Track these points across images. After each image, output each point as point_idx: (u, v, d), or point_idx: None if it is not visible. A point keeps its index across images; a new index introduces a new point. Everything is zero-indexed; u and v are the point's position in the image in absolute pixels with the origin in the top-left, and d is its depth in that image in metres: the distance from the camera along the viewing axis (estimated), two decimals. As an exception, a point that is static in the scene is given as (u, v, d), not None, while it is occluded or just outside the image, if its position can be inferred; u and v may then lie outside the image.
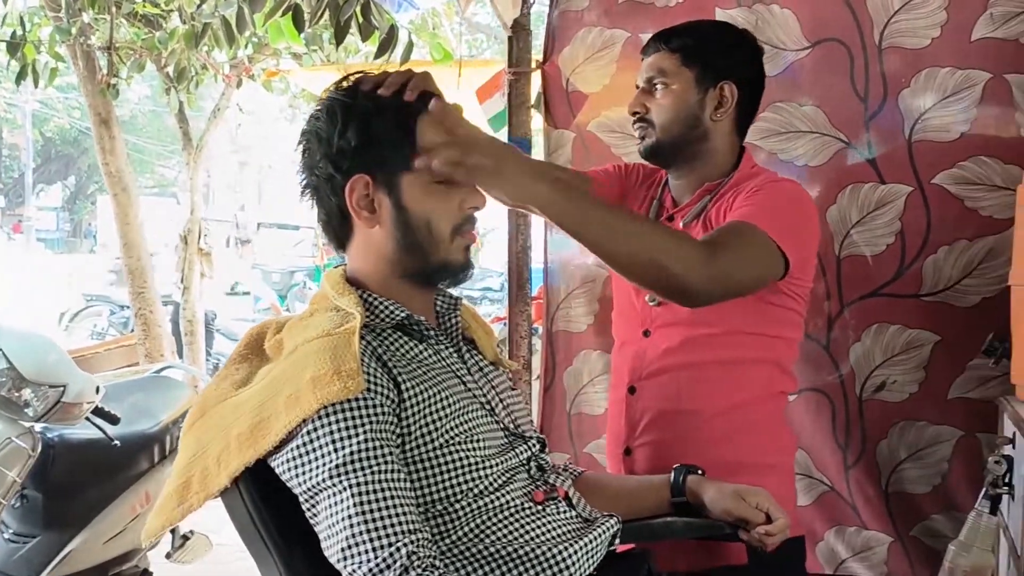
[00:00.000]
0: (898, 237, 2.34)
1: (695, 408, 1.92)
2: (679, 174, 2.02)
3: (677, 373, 1.94)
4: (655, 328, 1.97)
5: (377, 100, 1.46)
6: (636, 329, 2.01)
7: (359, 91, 1.47)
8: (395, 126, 1.45)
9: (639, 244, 1.62)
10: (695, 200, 1.97)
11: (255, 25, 4.23)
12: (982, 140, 2.26)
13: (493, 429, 1.51)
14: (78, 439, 2.84)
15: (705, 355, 1.92)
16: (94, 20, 5.29)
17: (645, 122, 1.96)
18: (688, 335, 1.92)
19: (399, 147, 1.45)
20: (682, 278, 1.63)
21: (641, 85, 1.98)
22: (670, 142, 1.95)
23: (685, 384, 1.93)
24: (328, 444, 1.31)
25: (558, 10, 2.75)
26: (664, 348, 1.95)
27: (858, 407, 2.40)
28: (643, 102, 1.96)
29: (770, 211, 1.80)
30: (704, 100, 1.93)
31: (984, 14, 2.23)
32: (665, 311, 1.95)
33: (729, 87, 1.93)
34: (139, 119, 25.02)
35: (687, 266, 1.63)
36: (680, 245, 1.66)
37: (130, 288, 6.06)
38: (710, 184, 1.97)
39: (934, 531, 2.34)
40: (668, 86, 1.93)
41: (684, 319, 1.90)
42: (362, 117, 1.44)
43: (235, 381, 1.50)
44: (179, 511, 1.42)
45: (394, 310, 1.48)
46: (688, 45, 1.93)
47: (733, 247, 1.71)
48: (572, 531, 1.49)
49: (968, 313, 2.28)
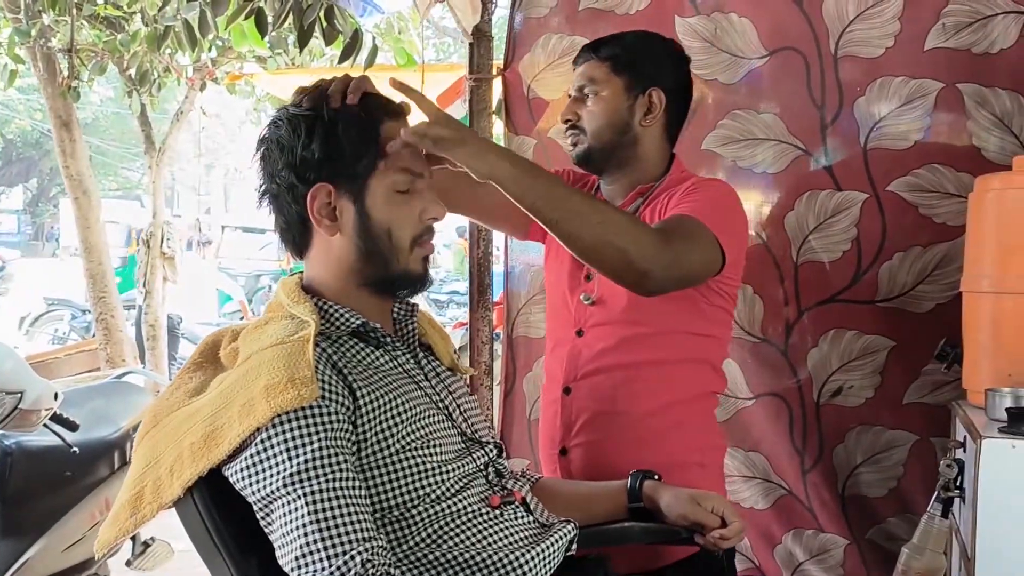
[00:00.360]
0: (854, 244, 2.36)
1: (629, 408, 1.95)
2: (611, 179, 2.05)
3: (612, 373, 1.96)
4: (588, 328, 2.00)
5: (341, 110, 1.47)
6: (569, 329, 2.03)
7: (322, 101, 1.48)
8: (359, 135, 1.46)
9: (601, 227, 1.65)
10: (628, 202, 2.01)
11: (218, 28, 4.21)
12: (935, 148, 2.28)
13: (450, 434, 1.52)
14: (36, 446, 2.81)
15: (639, 355, 1.94)
16: (55, 22, 5.24)
17: (577, 129, 2.00)
18: (623, 335, 1.95)
19: (364, 156, 1.46)
20: (641, 262, 1.66)
21: (573, 94, 2.02)
22: (601, 148, 1.98)
23: (620, 384, 1.95)
24: (283, 452, 1.31)
25: (519, 16, 2.76)
26: (599, 348, 1.97)
27: (815, 412, 2.42)
28: (575, 110, 2.00)
29: (709, 208, 1.84)
30: (633, 107, 1.97)
31: (936, 24, 2.26)
32: (599, 310, 1.98)
33: (657, 94, 1.98)
34: (102, 121, 24.77)
35: (646, 251, 1.66)
36: (639, 230, 1.69)
37: (91, 292, 6.01)
38: (642, 187, 2.00)
39: (889, 534, 2.36)
40: (598, 94, 1.97)
41: (618, 318, 1.94)
42: (327, 127, 1.45)
43: (189, 390, 1.50)
44: (132, 522, 1.41)
45: (349, 317, 1.48)
46: (617, 54, 1.98)
47: (683, 237, 1.75)
48: (529, 536, 1.50)
49: (922, 319, 2.30)
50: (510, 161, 1.61)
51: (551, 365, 2.11)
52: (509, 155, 1.63)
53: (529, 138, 2.75)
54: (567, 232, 1.66)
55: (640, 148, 2.00)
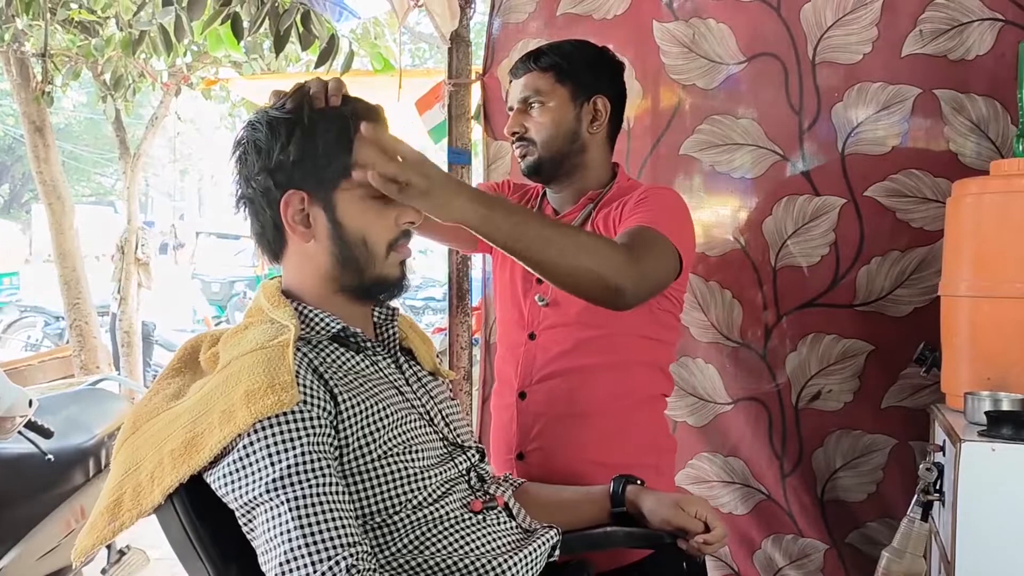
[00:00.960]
0: (832, 248, 2.38)
1: (583, 411, 1.96)
2: (559, 187, 2.06)
3: (568, 376, 1.97)
4: (541, 331, 2.01)
5: (319, 115, 1.46)
6: (521, 332, 2.04)
7: (302, 105, 1.47)
8: (335, 142, 1.45)
9: (573, 251, 1.64)
10: (578, 209, 2.02)
11: (193, 33, 4.19)
12: (913, 153, 2.30)
13: (432, 440, 1.51)
14: (10, 454, 2.78)
15: (595, 358, 1.96)
16: (28, 26, 5.20)
17: (526, 140, 2.00)
18: (578, 337, 1.96)
19: (337, 163, 1.45)
20: (614, 280, 1.66)
21: (516, 106, 2.02)
22: (551, 158, 1.99)
23: (576, 387, 1.96)
24: (265, 458, 1.30)
25: (498, 22, 2.76)
26: (555, 352, 1.98)
27: (794, 416, 2.43)
28: (521, 122, 2.01)
29: (665, 217, 1.86)
30: (580, 115, 1.99)
31: (914, 31, 2.28)
32: (552, 312, 1.99)
33: (602, 101, 2.00)
34: (75, 127, 24.60)
35: (617, 269, 1.66)
36: (608, 250, 1.69)
37: (65, 299, 5.95)
38: (592, 193, 2.02)
39: (869, 538, 2.38)
40: (544, 104, 1.98)
41: (572, 320, 1.95)
42: (304, 131, 1.44)
43: (168, 395, 1.48)
44: (111, 529, 1.39)
45: (330, 322, 1.47)
46: (559, 63, 1.99)
47: (647, 249, 1.76)
48: (512, 542, 1.49)
49: (901, 323, 2.32)
50: (477, 203, 1.56)
51: (503, 369, 2.11)
52: (475, 197, 1.57)
53: (507, 143, 2.74)
54: (540, 261, 1.64)
55: (588, 156, 2.02)
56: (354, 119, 1.46)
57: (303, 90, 1.48)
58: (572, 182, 2.03)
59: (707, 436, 2.53)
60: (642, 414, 1.99)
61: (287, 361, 1.34)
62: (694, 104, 2.52)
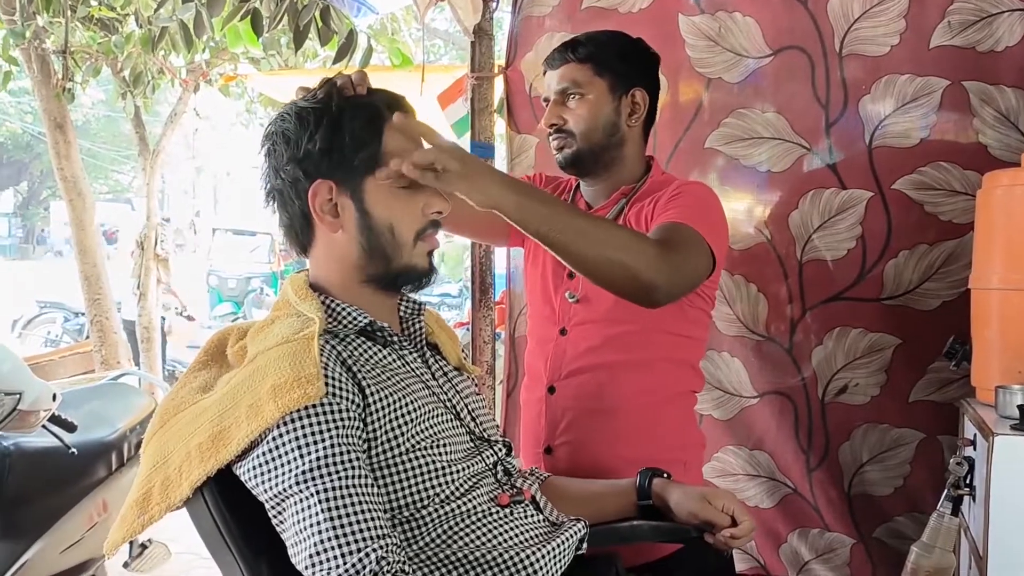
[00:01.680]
0: (859, 242, 2.36)
1: (615, 406, 1.95)
2: (594, 181, 2.05)
3: (597, 372, 1.97)
4: (572, 326, 2.00)
5: (348, 105, 1.46)
6: (552, 328, 2.03)
7: (331, 96, 1.47)
8: (364, 132, 1.45)
9: (606, 245, 1.64)
10: (612, 202, 2.01)
11: (213, 29, 4.20)
12: (941, 146, 2.28)
13: (459, 434, 1.51)
14: (34, 447, 2.78)
15: (624, 354, 1.95)
16: (49, 24, 5.22)
17: (564, 133, 1.99)
18: (608, 333, 1.95)
19: (366, 152, 1.44)
20: (647, 277, 1.65)
21: (553, 97, 2.00)
22: (590, 150, 1.98)
23: (605, 382, 1.96)
24: (294, 450, 1.30)
25: (520, 16, 2.76)
26: (584, 347, 1.98)
27: (820, 410, 2.42)
28: (559, 113, 1.99)
29: (698, 214, 1.84)
30: (619, 107, 1.98)
31: (942, 22, 2.26)
32: (583, 308, 1.98)
33: (641, 93, 1.99)
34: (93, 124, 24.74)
35: (651, 265, 1.65)
36: (642, 245, 1.68)
37: (85, 294, 5.97)
38: (625, 188, 2.01)
39: (897, 532, 2.36)
40: (583, 96, 1.97)
41: (602, 317, 1.94)
42: (332, 121, 1.44)
43: (195, 388, 1.48)
44: (140, 522, 1.39)
45: (357, 316, 1.47)
46: (596, 55, 1.97)
47: (681, 246, 1.75)
48: (540, 535, 1.48)
49: (929, 316, 2.30)
50: (512, 190, 1.59)
51: (533, 364, 2.11)
52: (510, 184, 1.60)
53: (531, 136, 2.74)
54: (573, 253, 1.64)
55: (625, 149, 2.00)
56: (382, 109, 1.46)
57: (331, 82, 1.49)
58: (608, 175, 2.01)
59: (732, 429, 2.52)
60: (670, 410, 1.98)
61: (312, 354, 1.34)
62: (719, 98, 2.51)
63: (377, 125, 1.46)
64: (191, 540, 1.42)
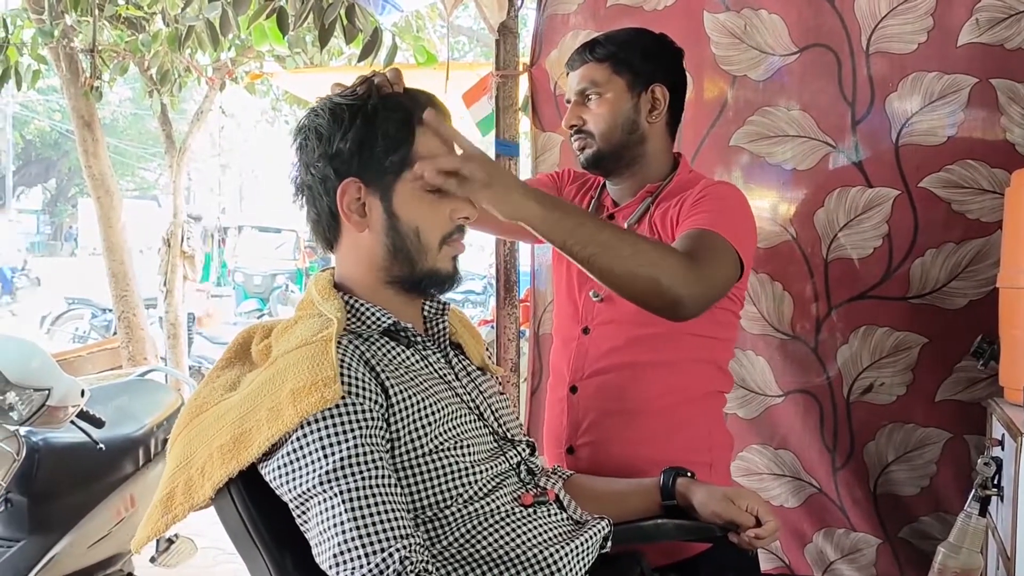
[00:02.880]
0: (885, 240, 2.35)
1: (638, 407, 1.94)
2: (619, 179, 2.04)
3: (620, 372, 1.96)
4: (595, 326, 1.99)
5: (383, 106, 1.46)
6: (575, 327, 2.03)
7: (368, 94, 1.47)
8: (397, 133, 1.45)
9: (632, 259, 1.63)
10: (637, 201, 2.00)
11: (239, 28, 4.21)
12: (969, 144, 2.26)
13: (482, 434, 1.51)
14: (63, 443, 2.82)
15: (647, 355, 1.94)
16: (77, 22, 5.26)
17: (584, 133, 1.98)
18: (631, 334, 1.94)
19: (397, 154, 1.45)
20: (673, 291, 1.64)
21: (573, 98, 2.00)
22: (610, 149, 1.97)
23: (628, 383, 1.95)
24: (318, 450, 1.30)
25: (545, 14, 2.75)
26: (607, 347, 1.97)
27: (846, 409, 2.41)
28: (579, 114, 1.99)
29: (725, 218, 1.83)
30: (638, 105, 1.97)
31: (970, 20, 2.24)
32: (606, 308, 1.97)
33: (660, 89, 1.97)
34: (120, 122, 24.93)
35: (677, 279, 1.64)
36: (668, 259, 1.67)
37: (113, 291, 6.02)
38: (651, 186, 1.99)
39: (923, 533, 2.35)
40: (602, 95, 1.96)
41: (626, 317, 1.93)
42: (366, 120, 1.44)
43: (219, 386, 1.49)
44: (163, 522, 1.41)
45: (381, 316, 1.47)
46: (615, 53, 1.96)
47: (708, 256, 1.74)
48: (563, 533, 1.48)
49: (956, 315, 2.28)
50: (537, 202, 1.57)
51: (556, 363, 2.10)
52: (535, 195, 1.58)
53: (556, 134, 2.74)
54: (598, 266, 1.64)
55: (647, 146, 1.99)
56: (416, 111, 1.46)
57: (369, 80, 1.49)
58: (632, 173, 2.00)
59: (757, 428, 2.51)
60: (695, 411, 1.97)
61: (330, 356, 1.34)
62: (744, 95, 2.49)
63: (410, 127, 1.46)
64: (217, 535, 1.43)
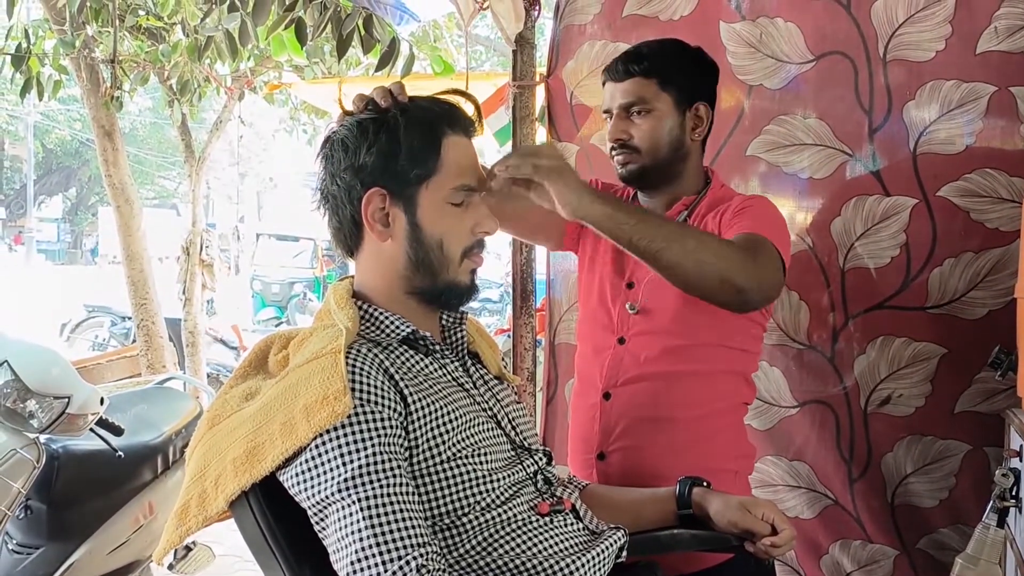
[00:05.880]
0: (903, 249, 2.33)
1: (668, 415, 1.96)
2: (654, 193, 2.05)
3: (653, 381, 1.97)
4: (631, 336, 2.01)
5: (407, 118, 1.47)
6: (609, 336, 2.04)
7: (391, 106, 1.49)
8: (422, 145, 1.46)
9: (698, 252, 1.67)
10: (673, 214, 2.00)
11: (258, 38, 4.23)
12: (987, 152, 2.25)
13: (500, 442, 1.51)
14: (82, 450, 2.84)
15: (680, 365, 1.96)
16: (98, 33, 5.29)
17: (629, 148, 1.98)
18: (666, 345, 1.96)
19: (422, 165, 1.46)
20: (739, 282, 1.69)
21: (615, 111, 2.00)
22: (655, 166, 1.98)
23: (661, 392, 1.97)
24: (337, 458, 1.31)
25: (562, 24, 2.76)
26: (643, 357, 1.98)
27: (863, 420, 2.39)
28: (625, 129, 1.98)
29: (768, 227, 1.86)
30: (683, 122, 1.98)
31: (989, 27, 2.23)
32: (642, 319, 1.99)
33: (704, 107, 2.00)
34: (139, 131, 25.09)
35: (741, 270, 1.69)
36: (731, 250, 1.71)
37: (132, 299, 6.04)
38: (687, 199, 2.01)
39: (941, 544, 2.33)
40: (651, 112, 1.96)
41: (662, 328, 1.95)
42: (392, 131, 1.46)
43: (236, 396, 1.50)
44: (178, 534, 1.43)
45: (400, 325, 1.48)
46: (662, 68, 1.96)
47: (763, 255, 1.77)
48: (579, 543, 1.49)
49: (975, 325, 2.27)
50: (602, 200, 1.63)
51: (587, 370, 2.11)
52: (600, 195, 1.64)
53: (572, 144, 2.74)
54: (666, 261, 1.67)
55: (688, 162, 2.01)
56: (441, 123, 1.48)
57: (392, 93, 1.50)
58: (669, 188, 2.02)
59: (772, 439, 2.50)
60: (724, 421, 2.00)
61: (339, 368, 1.35)
62: (761, 104, 2.49)
63: (435, 138, 1.48)
64: (235, 542, 1.44)
